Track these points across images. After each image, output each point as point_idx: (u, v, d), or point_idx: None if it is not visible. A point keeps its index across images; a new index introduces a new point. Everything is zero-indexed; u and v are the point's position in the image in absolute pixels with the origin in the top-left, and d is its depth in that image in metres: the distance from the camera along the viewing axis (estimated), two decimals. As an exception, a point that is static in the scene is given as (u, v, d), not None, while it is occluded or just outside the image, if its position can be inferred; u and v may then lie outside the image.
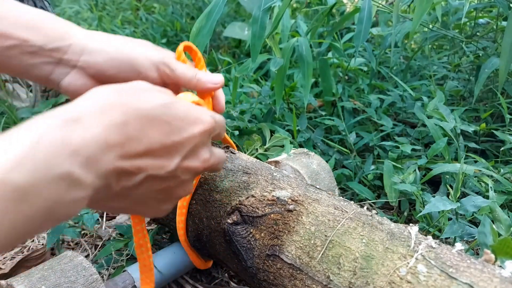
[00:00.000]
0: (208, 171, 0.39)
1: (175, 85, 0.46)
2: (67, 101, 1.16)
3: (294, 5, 1.61)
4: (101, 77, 0.42)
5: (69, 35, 0.41)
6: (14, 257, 0.70)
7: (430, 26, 1.05)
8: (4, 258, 0.70)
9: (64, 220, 0.27)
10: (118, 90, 0.31)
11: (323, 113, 1.04)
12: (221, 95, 0.49)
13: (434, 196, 0.62)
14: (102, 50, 0.41)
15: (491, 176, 0.70)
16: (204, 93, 0.47)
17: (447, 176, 0.77)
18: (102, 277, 0.64)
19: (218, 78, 0.47)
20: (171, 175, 0.33)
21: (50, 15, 0.41)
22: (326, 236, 0.40)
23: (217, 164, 0.39)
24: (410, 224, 0.39)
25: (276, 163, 0.66)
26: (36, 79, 0.42)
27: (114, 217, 0.81)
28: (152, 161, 0.31)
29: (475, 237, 0.54)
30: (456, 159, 0.81)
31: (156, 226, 0.73)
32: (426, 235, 0.39)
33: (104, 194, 0.29)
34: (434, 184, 0.83)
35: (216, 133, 0.38)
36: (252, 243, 0.45)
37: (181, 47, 0.47)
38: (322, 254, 0.39)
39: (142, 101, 0.31)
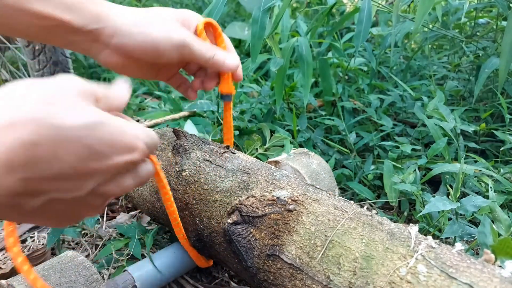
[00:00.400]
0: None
1: (195, 64, 0.51)
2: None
3: (294, 5, 1.61)
4: (130, 57, 0.47)
5: (104, 17, 0.45)
6: (15, 257, 0.70)
7: (430, 26, 1.05)
8: (4, 258, 0.70)
9: None
10: (41, 96, 0.27)
11: (323, 113, 1.04)
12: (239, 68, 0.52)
13: (434, 196, 0.62)
14: (130, 35, 0.45)
15: (491, 176, 0.71)
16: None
17: (447, 176, 0.77)
18: (103, 277, 0.64)
19: (233, 62, 0.51)
20: (80, 200, 0.29)
21: None
22: (326, 236, 0.40)
23: (140, 183, 0.35)
24: (410, 224, 0.39)
25: (276, 163, 0.66)
26: (78, 51, 0.48)
27: (115, 217, 0.81)
28: (59, 186, 0.27)
29: (475, 237, 0.54)
30: (456, 159, 0.81)
31: (156, 226, 0.73)
32: (426, 235, 0.39)
33: (3, 212, 0.28)
34: (434, 184, 0.83)
35: (146, 154, 0.33)
36: (252, 243, 0.45)
37: (201, 25, 0.49)
38: (322, 254, 0.39)
39: (63, 118, 0.26)
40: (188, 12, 0.50)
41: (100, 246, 0.72)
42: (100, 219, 0.78)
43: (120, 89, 0.33)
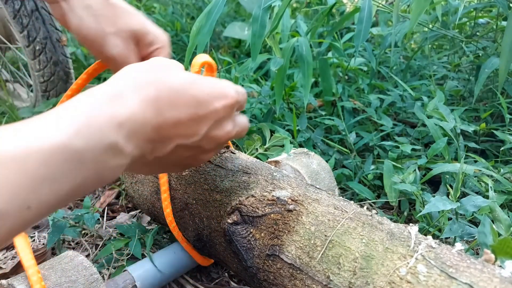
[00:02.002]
0: (231, 139, 0.42)
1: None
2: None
3: (294, 5, 1.61)
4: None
5: None
6: (15, 257, 0.70)
7: (430, 26, 1.05)
8: (5, 257, 0.70)
9: (107, 182, 0.31)
10: (150, 67, 0.35)
11: (323, 113, 1.04)
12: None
13: (434, 196, 0.62)
14: (73, 16, 0.46)
15: (491, 176, 0.71)
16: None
17: (447, 176, 0.77)
18: (103, 276, 0.64)
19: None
20: (197, 144, 0.36)
21: None
22: (326, 236, 0.40)
23: (240, 133, 0.42)
24: (410, 224, 0.39)
25: (276, 163, 0.66)
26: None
27: (115, 217, 0.81)
28: (181, 132, 0.34)
29: (475, 237, 0.54)
30: (456, 159, 0.81)
31: (156, 226, 0.73)
32: (426, 235, 0.39)
33: (139, 162, 0.33)
34: (434, 184, 0.83)
35: (239, 105, 0.40)
36: (252, 243, 0.45)
37: (197, 66, 0.47)
38: (322, 254, 0.39)
39: (172, 77, 0.34)
40: (151, 31, 0.49)
41: (100, 246, 0.72)
42: (100, 219, 0.78)
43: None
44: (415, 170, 0.72)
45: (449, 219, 0.61)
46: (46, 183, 0.26)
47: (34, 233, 0.76)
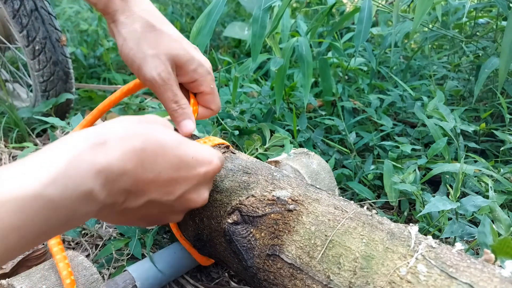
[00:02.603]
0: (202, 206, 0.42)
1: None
2: (67, 101, 1.16)
3: (294, 5, 1.61)
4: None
5: (113, 6, 0.48)
6: (15, 257, 0.70)
7: (430, 26, 1.05)
8: (4, 258, 0.70)
9: (72, 228, 0.31)
10: (143, 120, 0.35)
11: (323, 113, 1.04)
12: (214, 96, 0.53)
13: (434, 196, 0.62)
14: (118, 38, 0.48)
15: (491, 176, 0.71)
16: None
17: (447, 176, 0.77)
18: (103, 276, 0.64)
19: (188, 129, 0.51)
20: (170, 204, 0.36)
21: None
22: (326, 235, 0.40)
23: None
24: (410, 224, 0.39)
25: (276, 163, 0.66)
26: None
27: (114, 217, 0.81)
28: (157, 189, 0.34)
29: (475, 237, 0.54)
30: (456, 159, 0.81)
31: (156, 226, 0.73)
32: (426, 235, 0.39)
33: (107, 210, 0.33)
34: (434, 184, 0.83)
35: (218, 171, 0.42)
36: (252, 242, 0.45)
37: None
38: (322, 254, 0.39)
39: (162, 134, 0.35)
40: (196, 58, 0.50)
41: (100, 246, 0.72)
42: (100, 219, 0.78)
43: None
44: (415, 170, 0.72)
45: (449, 219, 0.61)
46: (15, 232, 0.26)
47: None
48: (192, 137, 0.60)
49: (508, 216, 0.55)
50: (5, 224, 0.25)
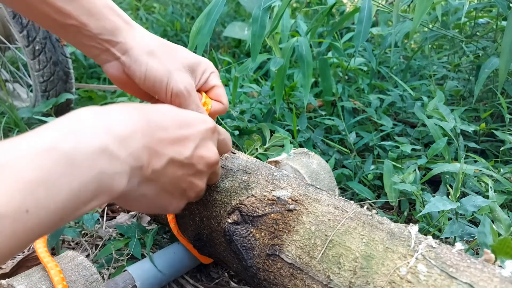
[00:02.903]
0: (219, 158, 0.44)
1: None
2: (67, 101, 1.16)
3: (294, 5, 1.61)
4: (131, 78, 0.49)
5: (122, 32, 0.47)
6: (15, 257, 0.70)
7: (430, 26, 1.05)
8: (4, 258, 0.70)
9: (113, 194, 0.31)
10: (138, 104, 0.38)
11: (323, 113, 1.04)
12: (223, 89, 0.54)
13: (434, 196, 0.62)
14: (138, 61, 0.47)
15: (491, 176, 0.70)
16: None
17: (447, 176, 0.77)
18: (103, 276, 0.64)
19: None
20: (189, 161, 0.38)
21: (113, 6, 0.47)
22: (326, 235, 0.40)
23: (227, 142, 0.48)
24: (410, 224, 0.39)
25: (276, 163, 0.66)
26: (85, 53, 0.49)
27: (115, 217, 0.81)
28: (171, 146, 0.36)
29: (475, 237, 0.54)
30: (456, 159, 0.81)
31: (156, 226, 0.73)
32: (426, 235, 0.39)
33: (140, 177, 0.34)
34: (434, 184, 0.83)
35: (222, 138, 0.45)
36: (252, 242, 0.45)
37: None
38: (322, 253, 0.39)
39: (158, 105, 0.39)
40: (202, 60, 0.52)
41: (100, 246, 0.72)
42: (100, 219, 0.78)
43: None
44: (415, 170, 0.72)
45: (449, 219, 0.61)
46: (41, 187, 0.26)
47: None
48: None
49: (508, 216, 0.55)
50: (27, 178, 0.25)
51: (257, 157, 0.81)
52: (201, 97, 0.52)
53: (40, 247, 0.50)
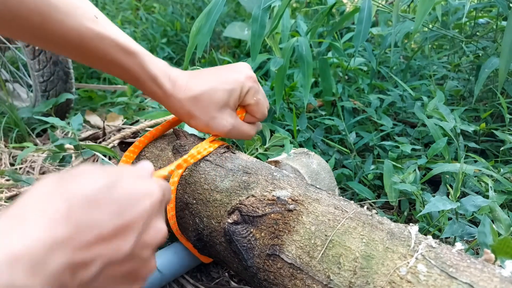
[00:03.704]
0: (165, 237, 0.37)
1: None
2: (67, 100, 1.16)
3: (294, 5, 1.61)
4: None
5: (161, 102, 0.55)
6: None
7: (430, 26, 1.05)
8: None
9: None
10: (57, 178, 0.30)
11: (323, 113, 1.04)
12: (258, 106, 0.58)
13: (434, 196, 0.62)
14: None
15: (491, 176, 0.70)
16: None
17: (447, 176, 0.77)
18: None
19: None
20: (130, 255, 0.31)
21: (156, 75, 0.53)
22: (326, 235, 0.40)
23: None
24: (410, 224, 0.39)
25: (276, 163, 0.66)
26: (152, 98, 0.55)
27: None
28: (105, 245, 0.29)
29: (475, 237, 0.54)
30: (456, 159, 0.81)
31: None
32: (426, 235, 0.39)
33: None
34: (434, 184, 0.83)
35: (166, 199, 0.37)
36: (252, 242, 0.45)
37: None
38: (322, 253, 0.39)
39: (83, 185, 0.29)
40: (237, 86, 0.55)
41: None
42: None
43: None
44: (415, 170, 0.72)
45: (449, 219, 0.61)
46: None
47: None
48: (192, 137, 0.60)
49: (508, 216, 0.55)
50: None
51: (257, 157, 0.81)
52: (239, 112, 0.58)
53: None
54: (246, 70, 0.56)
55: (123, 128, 1.08)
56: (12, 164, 1.00)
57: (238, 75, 0.55)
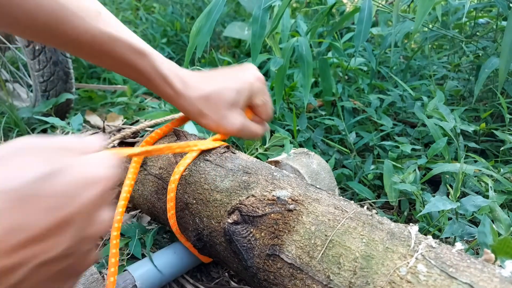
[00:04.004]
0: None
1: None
2: (67, 101, 1.16)
3: (294, 5, 1.61)
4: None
5: (172, 101, 0.54)
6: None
7: (430, 26, 1.05)
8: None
9: None
10: None
11: (323, 113, 1.04)
12: (265, 107, 0.58)
13: (434, 196, 0.62)
14: (203, 110, 0.54)
15: (491, 176, 0.70)
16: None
17: (447, 176, 0.77)
18: (103, 276, 0.64)
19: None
20: (67, 253, 0.27)
21: (167, 75, 0.53)
22: (326, 235, 0.40)
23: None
24: (410, 224, 0.39)
25: (276, 162, 0.66)
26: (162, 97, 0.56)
27: (114, 217, 0.80)
28: (38, 247, 0.25)
29: (475, 237, 0.54)
30: (456, 158, 0.81)
31: (156, 226, 0.73)
32: (426, 235, 0.39)
33: None
34: (434, 184, 0.83)
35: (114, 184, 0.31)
36: (252, 242, 0.45)
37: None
38: (322, 253, 0.39)
39: (14, 176, 0.24)
40: (244, 87, 0.55)
41: (100, 246, 0.72)
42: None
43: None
44: (415, 170, 0.72)
45: (449, 219, 0.61)
46: None
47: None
48: (191, 136, 0.60)
49: (508, 216, 0.55)
50: None
51: (257, 157, 0.81)
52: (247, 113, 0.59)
53: None
54: (255, 71, 0.57)
55: (123, 128, 1.08)
56: (12, 164, 1.00)
57: (248, 75, 0.56)
